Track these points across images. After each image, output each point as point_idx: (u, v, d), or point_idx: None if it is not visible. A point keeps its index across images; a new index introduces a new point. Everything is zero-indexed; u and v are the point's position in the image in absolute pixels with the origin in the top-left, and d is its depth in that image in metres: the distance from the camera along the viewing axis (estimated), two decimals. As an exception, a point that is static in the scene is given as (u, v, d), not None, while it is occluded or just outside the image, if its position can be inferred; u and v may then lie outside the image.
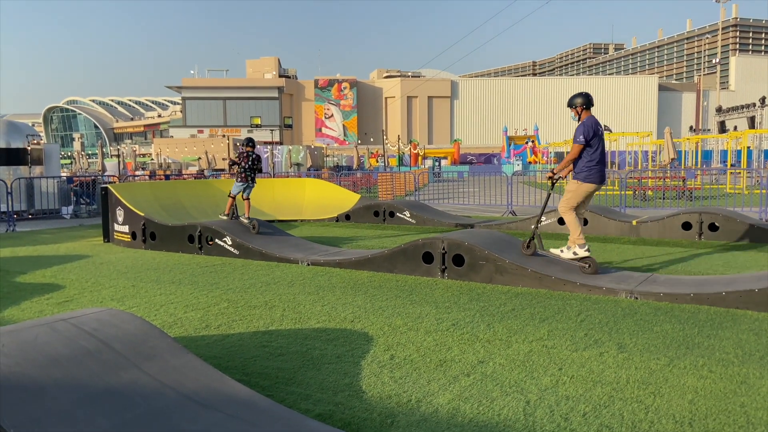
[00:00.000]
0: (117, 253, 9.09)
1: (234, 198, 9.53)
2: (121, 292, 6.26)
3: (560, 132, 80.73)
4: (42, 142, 15.74)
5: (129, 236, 9.61)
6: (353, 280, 6.78)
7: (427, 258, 6.91)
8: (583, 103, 6.68)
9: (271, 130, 64.69)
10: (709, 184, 26.30)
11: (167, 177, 29.97)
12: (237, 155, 9.66)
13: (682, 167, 27.46)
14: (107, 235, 10.26)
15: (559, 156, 51.55)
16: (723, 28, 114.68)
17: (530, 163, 54.31)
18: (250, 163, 9.48)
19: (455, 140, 69.35)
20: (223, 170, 45.07)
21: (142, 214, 9.39)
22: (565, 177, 7.12)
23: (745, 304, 5.12)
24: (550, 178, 6.90)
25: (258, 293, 6.10)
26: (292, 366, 3.90)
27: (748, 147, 34.14)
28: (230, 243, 8.42)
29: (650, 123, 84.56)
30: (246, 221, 9.22)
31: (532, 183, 30.58)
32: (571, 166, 6.75)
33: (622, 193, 13.96)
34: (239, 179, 9.51)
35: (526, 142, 59.19)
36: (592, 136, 6.47)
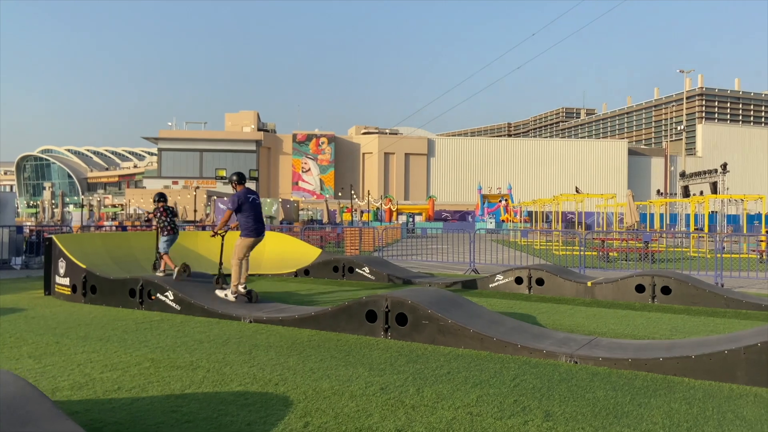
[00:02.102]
0: (54, 307, 8.71)
1: (167, 254, 9.65)
2: (41, 348, 5.92)
3: (534, 191, 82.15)
4: (-3, 189, 15.37)
5: (69, 289, 9.25)
6: (293, 338, 6.54)
7: (371, 316, 6.72)
8: (236, 180, 8.45)
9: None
10: (674, 246, 26.68)
11: (126, 228, 29.41)
12: (153, 211, 9.89)
13: (648, 230, 27.90)
14: (48, 287, 9.87)
15: (531, 214, 52.32)
16: (689, 97, 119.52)
17: (503, 221, 54.87)
18: (170, 215, 9.77)
19: (430, 197, 69.97)
20: (192, 222, 44.55)
21: (84, 266, 9.07)
22: (226, 231, 8.69)
23: (682, 371, 5.01)
24: (213, 235, 8.54)
25: (186, 352, 5.82)
26: (195, 434, 3.64)
27: (713, 211, 34.93)
28: (172, 298, 8.14)
29: (620, 186, 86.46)
30: (172, 271, 9.22)
31: (502, 241, 30.71)
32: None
33: (581, 252, 13.99)
34: (165, 233, 9.67)
35: (500, 201, 60.01)
36: (240, 204, 8.16)
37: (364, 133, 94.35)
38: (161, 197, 10.00)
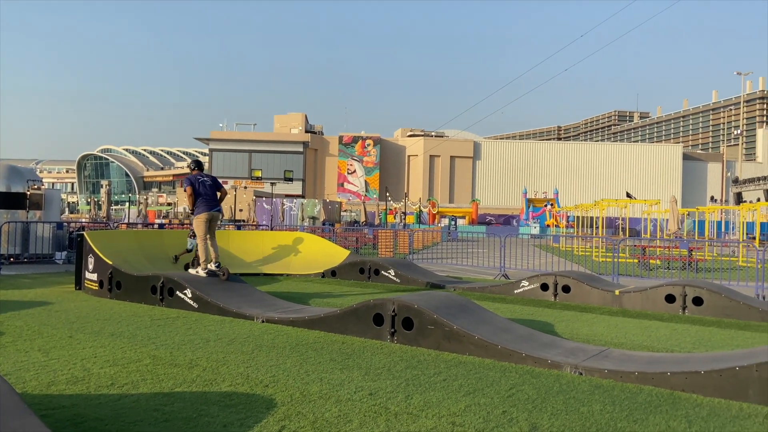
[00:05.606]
0: (79, 301, 9.00)
1: None
2: (52, 342, 6.10)
3: (583, 196, 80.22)
4: (43, 187, 16.03)
5: (97, 284, 9.54)
6: (299, 340, 6.53)
7: (378, 320, 6.66)
8: (192, 166, 9.67)
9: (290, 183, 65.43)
10: (724, 256, 25.50)
11: (163, 226, 30.26)
12: None
13: (696, 238, 26.78)
14: (79, 282, 10.21)
15: (576, 219, 51.16)
16: (748, 101, 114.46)
17: (548, 226, 53.87)
18: None
19: (473, 200, 69.35)
20: (242, 221, 45.51)
21: (110, 263, 9.34)
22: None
23: (690, 387, 4.74)
24: (191, 213, 9.53)
25: (189, 351, 5.88)
26: (169, 432, 3.66)
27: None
28: (190, 296, 8.27)
29: (674, 192, 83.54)
30: None
31: (544, 247, 30.09)
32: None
33: (615, 259, 13.53)
34: None
35: (545, 205, 58.99)
36: (192, 184, 9.21)
37: (410, 136, 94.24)
38: None
